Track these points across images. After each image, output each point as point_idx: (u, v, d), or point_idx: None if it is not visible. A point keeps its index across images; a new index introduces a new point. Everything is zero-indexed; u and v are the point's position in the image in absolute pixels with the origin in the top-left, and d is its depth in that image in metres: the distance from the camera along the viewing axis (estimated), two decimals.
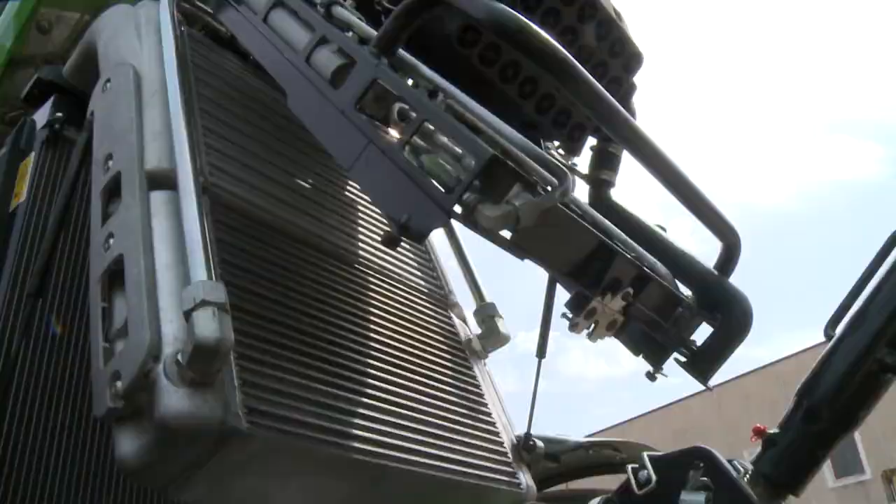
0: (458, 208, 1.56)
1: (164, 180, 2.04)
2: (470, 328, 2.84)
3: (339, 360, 2.10)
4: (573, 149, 2.53)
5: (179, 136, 2.04)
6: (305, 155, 2.68)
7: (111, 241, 1.94)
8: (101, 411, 1.68)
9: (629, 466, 1.65)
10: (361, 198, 2.80)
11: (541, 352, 2.54)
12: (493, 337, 2.79)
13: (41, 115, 2.84)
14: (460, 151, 1.72)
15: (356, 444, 1.93)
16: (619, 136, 1.91)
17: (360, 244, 2.60)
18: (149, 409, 1.63)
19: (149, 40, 2.47)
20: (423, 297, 2.72)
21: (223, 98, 2.57)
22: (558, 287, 2.37)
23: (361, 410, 2.04)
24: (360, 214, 2.72)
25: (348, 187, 2.78)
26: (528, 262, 1.75)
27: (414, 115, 1.77)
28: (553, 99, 2.35)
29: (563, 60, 1.72)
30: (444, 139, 1.71)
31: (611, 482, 2.76)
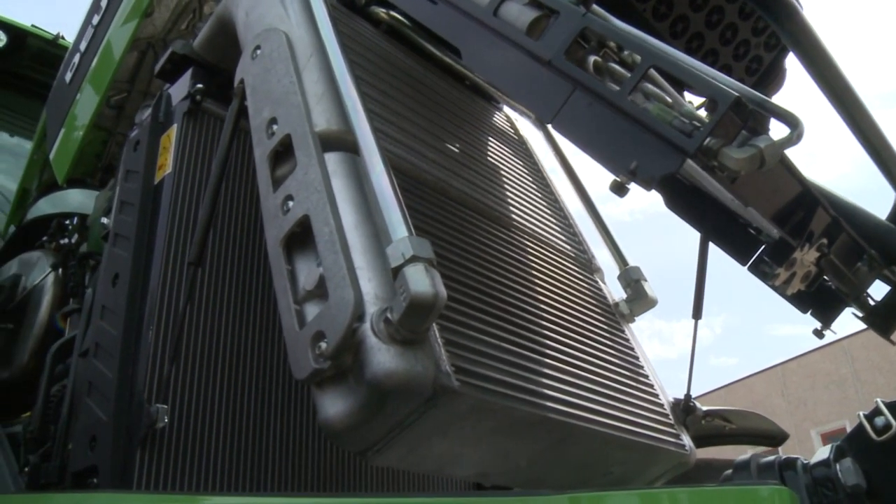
0: None
1: (335, 142, 2.01)
2: (613, 292, 2.80)
3: (519, 321, 2.07)
4: None
5: (351, 98, 2.01)
6: (447, 119, 2.65)
7: (290, 203, 1.90)
8: (305, 373, 1.62)
9: (860, 413, 1.59)
10: (503, 160, 2.77)
11: (697, 312, 2.48)
12: (640, 300, 2.74)
13: (178, 89, 2.83)
14: (670, 100, 1.67)
15: (549, 404, 1.89)
16: (819, 73, 1.84)
17: (511, 206, 2.56)
18: (356, 369, 1.59)
19: (294, 6, 2.45)
20: (572, 261, 2.68)
21: (367, 63, 2.55)
22: None
23: (546, 370, 2.00)
24: (504, 177, 2.69)
25: (490, 150, 2.75)
26: None
27: (613, 64, 1.73)
28: (717, 55, 2.30)
29: None
30: (652, 87, 1.67)
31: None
